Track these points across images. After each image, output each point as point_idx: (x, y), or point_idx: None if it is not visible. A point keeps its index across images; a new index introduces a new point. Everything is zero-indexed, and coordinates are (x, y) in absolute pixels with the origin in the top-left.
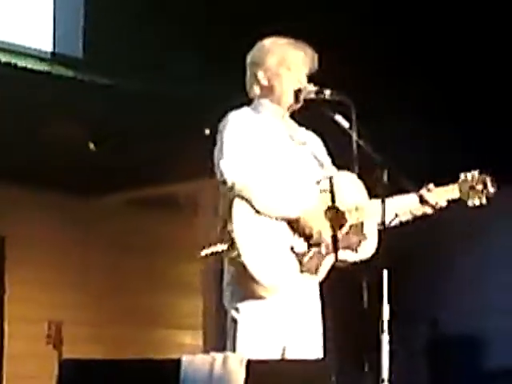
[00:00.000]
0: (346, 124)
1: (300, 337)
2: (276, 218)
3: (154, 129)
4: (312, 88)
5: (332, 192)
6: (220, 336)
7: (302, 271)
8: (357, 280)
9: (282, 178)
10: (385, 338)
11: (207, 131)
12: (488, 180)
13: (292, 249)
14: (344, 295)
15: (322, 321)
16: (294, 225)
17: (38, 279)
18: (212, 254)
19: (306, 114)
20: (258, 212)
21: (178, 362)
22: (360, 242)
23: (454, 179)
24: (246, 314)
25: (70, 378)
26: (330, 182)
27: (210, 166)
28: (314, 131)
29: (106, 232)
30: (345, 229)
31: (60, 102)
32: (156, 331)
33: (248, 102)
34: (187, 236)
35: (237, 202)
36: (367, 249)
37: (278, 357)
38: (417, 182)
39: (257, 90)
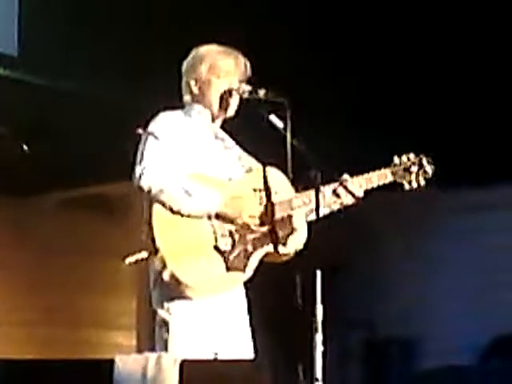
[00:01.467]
0: (280, 124)
1: (231, 336)
2: (197, 217)
3: (87, 129)
4: (246, 88)
5: (265, 179)
6: (154, 336)
7: (229, 269)
8: (291, 280)
9: (203, 177)
10: (318, 337)
11: (140, 130)
12: (424, 160)
13: (216, 248)
14: (278, 295)
15: (248, 319)
16: (223, 219)
17: None
18: (136, 261)
19: (242, 114)
20: (176, 213)
21: (111, 362)
22: (288, 234)
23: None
24: (176, 314)
25: (2, 378)
26: (264, 170)
27: None
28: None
29: (37, 232)
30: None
31: None
32: (89, 331)
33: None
34: (120, 236)
35: (156, 207)
36: (296, 242)
37: (210, 357)
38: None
39: (189, 97)
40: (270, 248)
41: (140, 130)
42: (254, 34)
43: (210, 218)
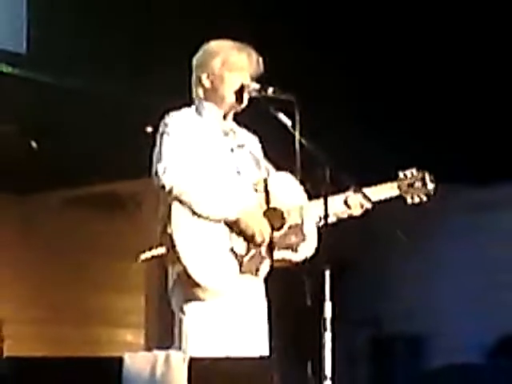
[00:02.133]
0: (288, 122)
1: (247, 337)
2: (216, 221)
3: (94, 127)
4: (255, 86)
5: (266, 192)
6: (162, 334)
7: (242, 272)
8: (301, 279)
9: (219, 180)
10: (327, 336)
11: (149, 129)
12: (427, 177)
13: (232, 250)
14: (288, 294)
15: (267, 320)
16: (235, 227)
17: None
18: (152, 257)
19: (250, 113)
20: (196, 215)
21: (120, 359)
22: (300, 242)
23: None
24: (191, 315)
25: (12, 376)
26: (265, 182)
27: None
28: (256, 131)
29: (45, 231)
30: (284, 229)
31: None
32: (98, 329)
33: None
34: (130, 234)
35: (175, 205)
36: (307, 249)
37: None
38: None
39: (200, 92)
40: (282, 254)
41: (150, 129)
42: (259, 31)
43: (229, 224)
